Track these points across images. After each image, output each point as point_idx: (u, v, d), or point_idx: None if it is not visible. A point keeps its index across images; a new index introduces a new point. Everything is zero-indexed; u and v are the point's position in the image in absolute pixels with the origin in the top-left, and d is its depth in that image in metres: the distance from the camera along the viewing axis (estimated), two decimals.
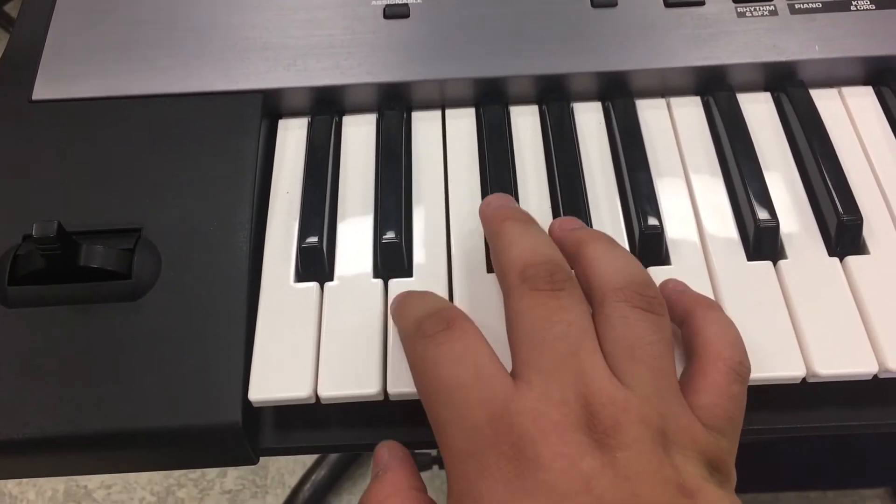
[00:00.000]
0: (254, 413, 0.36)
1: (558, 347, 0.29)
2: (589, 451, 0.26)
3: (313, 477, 1.16)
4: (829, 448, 0.58)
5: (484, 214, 0.37)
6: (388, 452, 0.34)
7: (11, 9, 1.70)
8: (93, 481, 1.20)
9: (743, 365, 0.32)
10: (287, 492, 1.17)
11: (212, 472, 1.20)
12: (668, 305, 0.34)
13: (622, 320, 0.30)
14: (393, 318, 0.36)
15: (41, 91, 0.44)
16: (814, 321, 0.36)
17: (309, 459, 1.18)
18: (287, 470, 1.20)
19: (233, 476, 1.20)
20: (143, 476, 1.20)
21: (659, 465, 0.27)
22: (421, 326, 0.31)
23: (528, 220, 0.35)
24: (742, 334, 0.33)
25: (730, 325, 0.33)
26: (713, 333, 0.32)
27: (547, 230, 0.36)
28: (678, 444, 0.28)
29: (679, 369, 0.33)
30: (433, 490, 1.26)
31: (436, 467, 0.99)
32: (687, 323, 0.33)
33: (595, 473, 0.26)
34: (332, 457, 1.16)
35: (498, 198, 0.38)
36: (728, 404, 0.30)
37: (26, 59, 0.45)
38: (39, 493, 1.19)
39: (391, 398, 0.35)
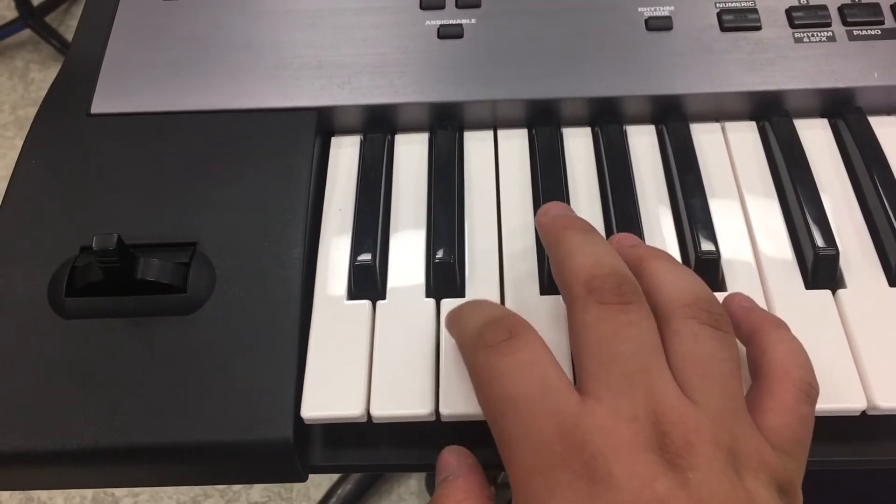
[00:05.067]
0: (304, 430, 0.36)
1: (628, 364, 0.28)
2: (662, 471, 0.26)
3: (339, 491, 1.16)
4: (882, 482, 0.57)
5: (541, 223, 0.36)
6: (458, 458, 0.33)
7: (52, 20, 1.73)
8: (120, 489, 1.21)
9: (812, 386, 0.31)
10: None
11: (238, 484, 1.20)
12: (734, 322, 0.33)
13: (692, 337, 0.30)
14: (448, 329, 0.35)
15: (100, 105, 0.44)
16: (874, 352, 0.36)
17: (335, 474, 1.18)
18: (313, 483, 1.20)
19: (259, 488, 1.20)
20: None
21: (731, 487, 0.26)
22: (482, 336, 0.30)
23: (589, 228, 0.34)
24: None
25: (798, 344, 0.32)
26: (781, 353, 0.31)
27: None
28: (749, 466, 0.27)
29: (743, 387, 0.32)
30: None
31: None
32: (754, 341, 0.33)
33: (669, 495, 0.25)
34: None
35: (556, 206, 0.37)
36: (797, 426, 0.30)
37: (85, 74, 0.46)
38: (68, 498, 1.20)
39: (443, 419, 0.35)
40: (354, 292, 0.39)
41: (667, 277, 0.32)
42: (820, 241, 0.38)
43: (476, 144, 0.45)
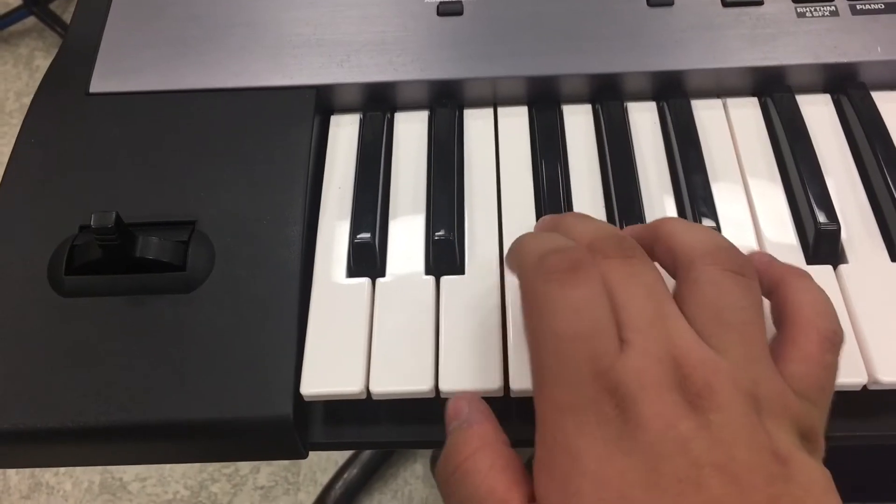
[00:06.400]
0: (304, 407, 0.36)
1: (644, 307, 0.28)
2: (685, 412, 0.26)
3: (345, 475, 1.16)
4: (879, 459, 0.56)
5: (537, 228, 0.36)
6: (469, 405, 0.32)
7: (56, 7, 1.73)
8: (128, 474, 1.22)
9: (837, 334, 0.30)
10: (319, 489, 1.17)
11: (245, 468, 1.21)
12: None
13: (712, 285, 0.29)
14: (507, 259, 0.34)
15: (98, 84, 0.44)
16: (875, 327, 0.35)
17: (341, 457, 1.19)
18: (319, 468, 1.20)
19: (266, 472, 1.20)
20: (178, 470, 1.21)
21: (752, 429, 0.26)
22: (544, 262, 0.29)
23: (584, 214, 0.34)
24: None
25: (822, 293, 0.31)
26: (805, 301, 0.31)
27: None
28: (770, 410, 0.27)
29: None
30: None
31: None
32: (776, 292, 0.32)
33: (692, 435, 0.25)
34: (365, 456, 1.17)
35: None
36: (821, 373, 0.29)
37: (84, 53, 0.45)
38: (76, 484, 1.21)
39: (443, 396, 0.35)
40: (354, 270, 0.39)
41: (685, 230, 0.32)
42: (821, 217, 0.38)
43: (476, 122, 0.45)
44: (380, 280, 0.38)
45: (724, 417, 0.26)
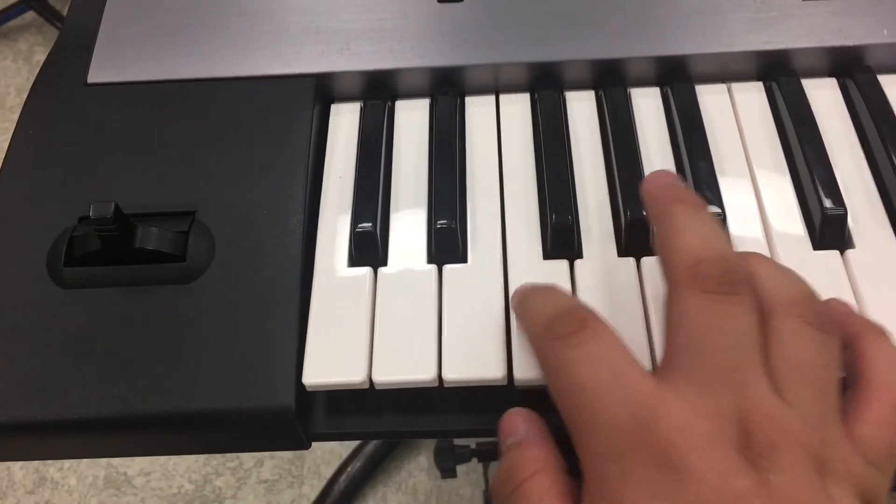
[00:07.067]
0: (306, 398, 0.36)
1: (722, 360, 0.27)
2: (742, 469, 0.25)
3: (349, 468, 1.16)
4: None
5: (648, 192, 0.34)
6: (526, 423, 0.32)
7: (55, 2, 1.72)
8: (132, 468, 1.22)
9: None
10: (323, 482, 1.17)
11: (249, 462, 1.21)
12: None
13: (794, 336, 0.28)
14: (516, 313, 0.34)
15: (96, 74, 0.44)
16: (883, 313, 0.35)
17: (345, 451, 1.19)
18: (323, 461, 1.20)
19: (269, 465, 1.20)
20: (182, 464, 1.21)
21: (814, 494, 0.25)
22: (552, 327, 0.29)
23: (700, 204, 0.32)
24: None
25: None
26: (882, 362, 0.30)
27: None
28: (835, 474, 0.26)
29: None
30: (468, 483, 1.24)
31: (475, 460, 0.99)
32: (852, 347, 0.31)
33: (749, 494, 0.25)
34: (368, 448, 1.17)
35: (663, 175, 0.35)
36: (891, 440, 0.28)
37: (81, 43, 0.45)
38: (80, 478, 1.21)
39: (446, 384, 0.35)
40: (355, 259, 0.39)
41: (772, 273, 0.31)
42: (828, 202, 0.38)
43: (477, 110, 0.44)
44: (382, 269, 0.38)
45: (785, 479, 0.25)
